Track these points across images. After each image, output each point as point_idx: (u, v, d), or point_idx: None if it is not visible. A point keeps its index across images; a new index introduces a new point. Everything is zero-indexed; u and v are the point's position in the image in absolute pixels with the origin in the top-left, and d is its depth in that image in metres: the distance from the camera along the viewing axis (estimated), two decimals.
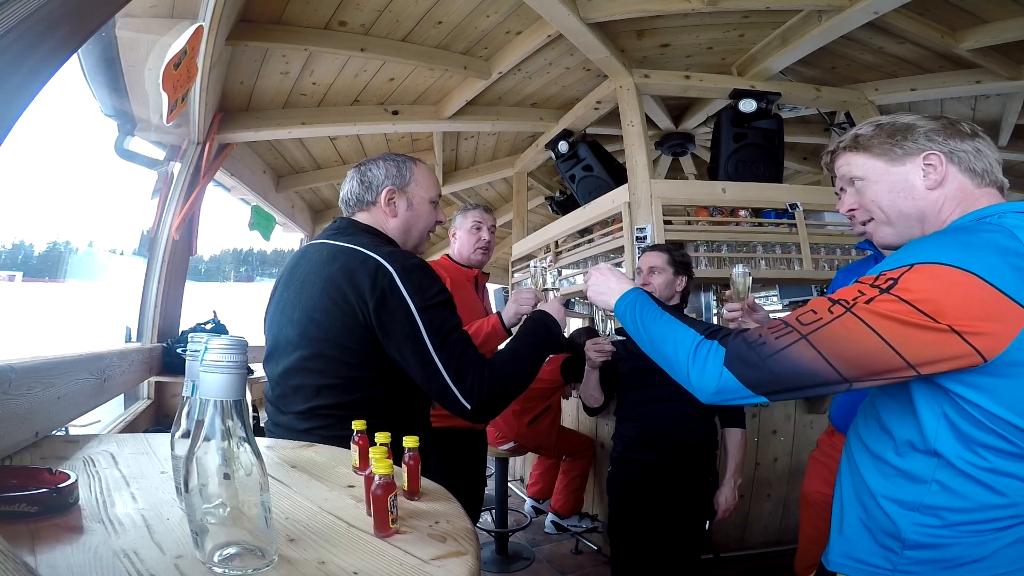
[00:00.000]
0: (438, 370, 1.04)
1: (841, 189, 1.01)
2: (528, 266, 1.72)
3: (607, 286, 1.08)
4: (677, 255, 1.93)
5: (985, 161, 0.84)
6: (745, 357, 0.75)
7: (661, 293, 1.85)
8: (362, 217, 1.25)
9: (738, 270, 1.30)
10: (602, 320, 1.74)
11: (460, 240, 2.02)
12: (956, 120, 0.87)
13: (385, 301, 1.04)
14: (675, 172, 4.58)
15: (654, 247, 2.00)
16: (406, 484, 0.79)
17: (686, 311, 1.90)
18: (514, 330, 1.69)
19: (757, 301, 1.31)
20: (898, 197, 0.88)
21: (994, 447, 0.70)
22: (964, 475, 0.72)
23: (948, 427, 0.73)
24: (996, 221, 0.75)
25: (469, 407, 1.05)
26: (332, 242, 1.16)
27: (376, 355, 1.08)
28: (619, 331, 1.83)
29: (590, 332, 3.78)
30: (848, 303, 0.71)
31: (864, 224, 0.95)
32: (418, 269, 1.09)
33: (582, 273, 3.51)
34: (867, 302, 0.70)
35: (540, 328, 1.26)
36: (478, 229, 1.99)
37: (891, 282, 0.70)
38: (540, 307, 1.34)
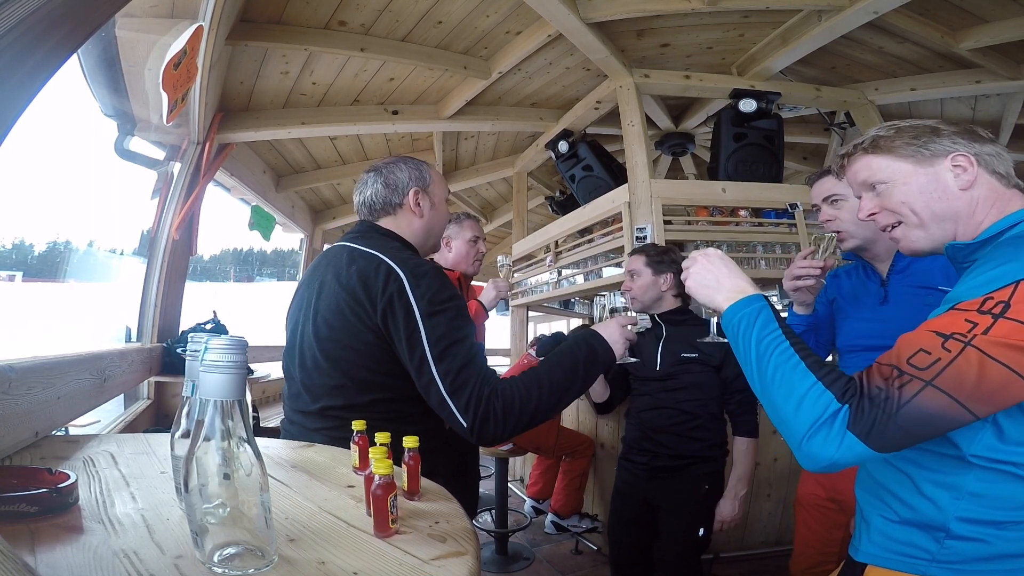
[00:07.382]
0: (434, 380, 1.01)
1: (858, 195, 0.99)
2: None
3: (714, 278, 0.88)
4: (653, 252, 1.86)
5: (1005, 165, 0.85)
6: (870, 417, 0.68)
7: (646, 294, 1.84)
8: (386, 222, 1.26)
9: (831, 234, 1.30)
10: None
11: (457, 250, 2.07)
12: (974, 126, 0.88)
13: (392, 305, 1.05)
14: (675, 172, 4.58)
15: (633, 250, 1.97)
16: (406, 484, 0.79)
17: (690, 307, 1.89)
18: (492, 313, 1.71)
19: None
20: (931, 198, 0.86)
21: None
22: (1002, 472, 0.71)
23: (991, 426, 0.71)
24: None
25: (465, 424, 1.00)
26: (353, 245, 1.17)
27: (387, 359, 1.08)
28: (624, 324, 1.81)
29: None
30: (964, 336, 0.66)
31: (891, 228, 0.92)
32: (429, 275, 1.08)
33: (582, 273, 3.50)
34: (984, 332, 0.65)
35: (579, 347, 1.12)
36: (475, 241, 2.06)
37: (1002, 305, 0.66)
38: (596, 327, 1.19)
